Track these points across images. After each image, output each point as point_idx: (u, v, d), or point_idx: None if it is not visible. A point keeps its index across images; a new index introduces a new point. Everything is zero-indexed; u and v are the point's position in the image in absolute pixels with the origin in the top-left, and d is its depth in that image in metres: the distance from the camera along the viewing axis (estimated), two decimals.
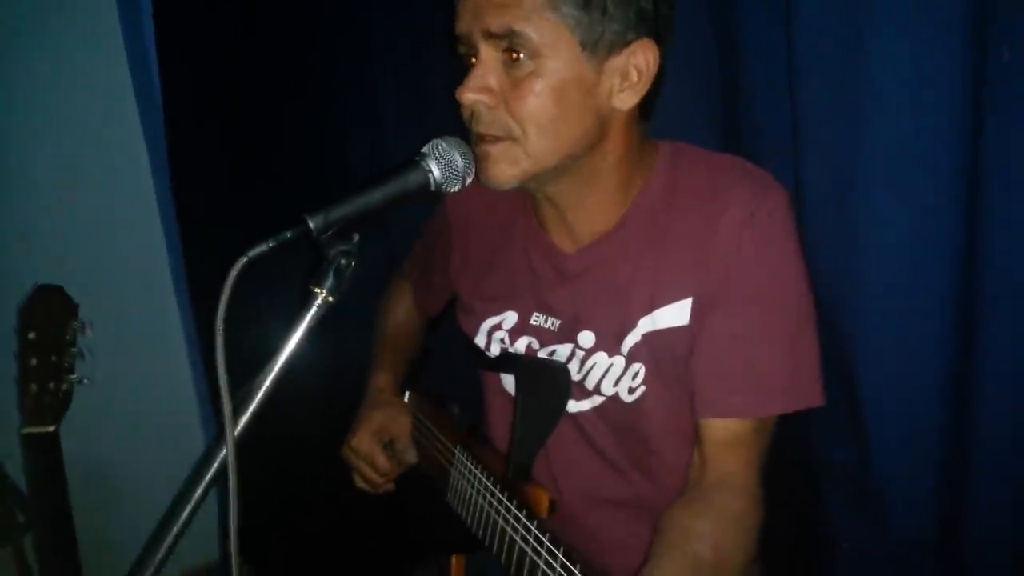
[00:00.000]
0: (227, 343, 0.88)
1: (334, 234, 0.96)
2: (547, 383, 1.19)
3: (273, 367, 0.96)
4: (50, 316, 1.57)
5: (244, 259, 0.91)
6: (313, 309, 0.96)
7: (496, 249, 1.30)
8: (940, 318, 1.09)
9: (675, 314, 1.12)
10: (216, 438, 0.94)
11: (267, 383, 0.96)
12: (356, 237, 0.98)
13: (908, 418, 1.17)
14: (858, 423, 1.20)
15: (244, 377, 0.95)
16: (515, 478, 1.15)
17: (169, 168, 2.32)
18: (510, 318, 1.27)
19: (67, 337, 1.57)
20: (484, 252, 1.32)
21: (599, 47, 1.03)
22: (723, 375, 1.10)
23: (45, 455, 1.54)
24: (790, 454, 1.21)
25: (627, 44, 1.05)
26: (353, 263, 0.98)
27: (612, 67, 1.05)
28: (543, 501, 1.08)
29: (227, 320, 0.88)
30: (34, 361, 1.56)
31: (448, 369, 1.50)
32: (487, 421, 1.39)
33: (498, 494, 1.15)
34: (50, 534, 1.56)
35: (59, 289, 1.59)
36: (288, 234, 0.94)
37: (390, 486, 1.42)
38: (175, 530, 0.94)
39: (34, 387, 1.55)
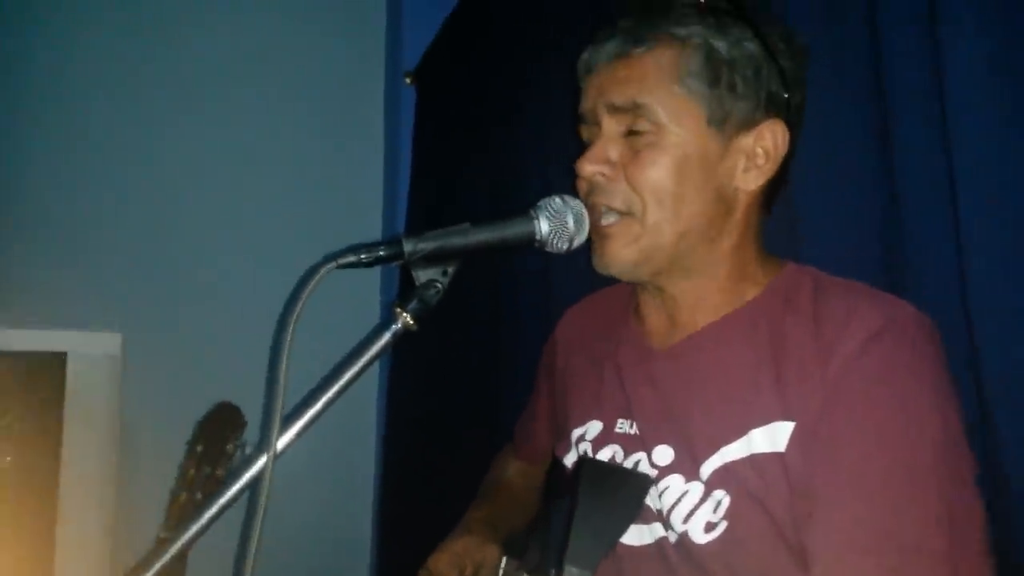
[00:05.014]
0: None
1: (426, 261, 0.95)
2: (616, 486, 1.00)
3: (338, 383, 0.91)
4: (220, 431, 1.64)
5: (332, 264, 0.92)
6: (392, 330, 0.93)
7: (592, 361, 1.19)
8: None
9: (771, 438, 0.93)
10: (259, 444, 0.89)
11: (325, 398, 0.91)
12: (449, 270, 0.96)
13: None
14: None
15: None
16: None
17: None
18: (594, 427, 1.13)
19: (228, 450, 1.62)
20: (582, 366, 1.22)
21: (727, 124, 0.99)
22: (837, 534, 0.86)
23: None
24: None
25: (756, 124, 1.00)
26: (439, 294, 0.95)
27: (738, 146, 1.01)
28: None
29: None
30: (192, 471, 1.62)
31: None
32: None
33: None
34: None
35: (235, 408, 1.68)
36: (381, 251, 0.94)
37: None
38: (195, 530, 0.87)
39: (184, 495, 1.59)
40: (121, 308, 2.19)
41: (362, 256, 0.93)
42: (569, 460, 1.16)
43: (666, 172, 0.99)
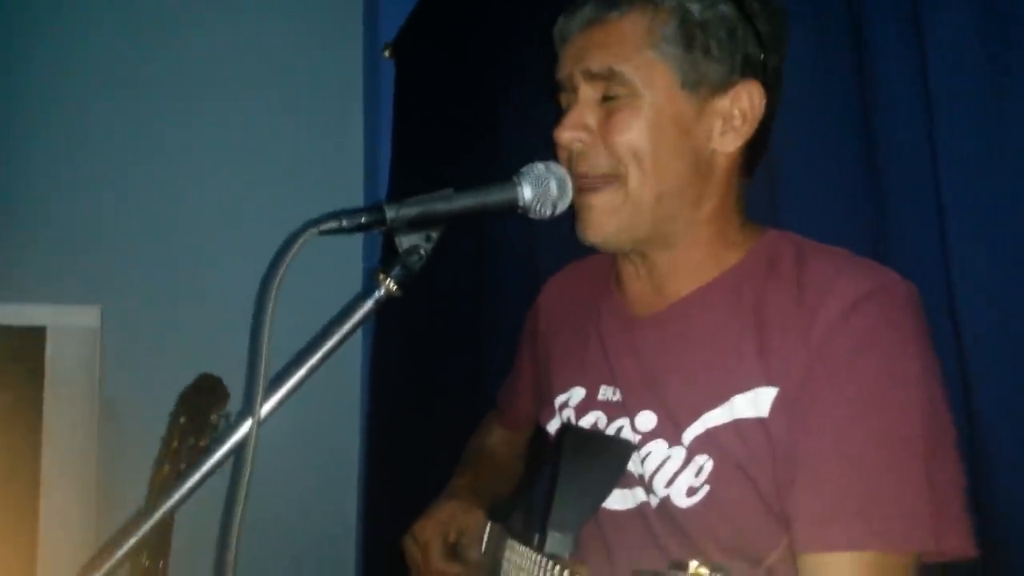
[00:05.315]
0: None
1: (409, 227, 0.95)
2: (598, 452, 1.01)
3: (321, 349, 0.91)
4: (203, 403, 1.64)
5: (314, 230, 0.91)
6: (375, 296, 0.93)
7: (575, 329, 1.20)
8: None
9: (753, 404, 0.94)
10: (241, 412, 0.89)
11: (309, 364, 0.91)
12: (433, 236, 0.96)
13: None
14: None
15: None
16: (552, 553, 0.93)
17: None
18: (577, 393, 1.14)
19: (212, 421, 1.62)
20: (565, 334, 1.23)
21: (701, 87, 1.00)
22: (821, 497, 0.88)
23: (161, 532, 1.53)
24: None
25: (732, 86, 1.01)
26: (423, 259, 0.95)
27: (714, 108, 1.01)
28: None
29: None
30: (176, 443, 1.61)
31: None
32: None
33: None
34: None
35: (218, 379, 1.68)
36: (363, 217, 0.93)
37: None
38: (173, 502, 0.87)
39: (167, 467, 1.59)
40: (99, 280, 2.17)
41: (344, 222, 0.92)
42: (552, 427, 1.17)
43: (641, 134, 1.00)
